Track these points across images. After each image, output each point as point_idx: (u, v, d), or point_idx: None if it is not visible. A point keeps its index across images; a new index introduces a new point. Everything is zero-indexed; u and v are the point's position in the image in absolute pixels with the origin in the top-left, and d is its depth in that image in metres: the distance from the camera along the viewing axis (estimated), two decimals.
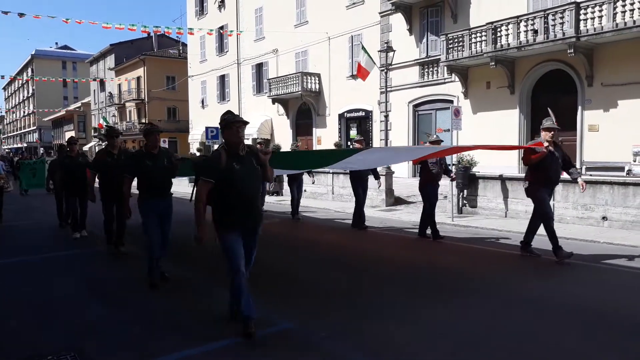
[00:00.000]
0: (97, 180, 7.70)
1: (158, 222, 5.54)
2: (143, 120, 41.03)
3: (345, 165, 9.65)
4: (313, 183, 13.45)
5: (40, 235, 9.59)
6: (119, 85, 46.20)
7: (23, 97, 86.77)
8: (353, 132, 22.76)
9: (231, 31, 28.60)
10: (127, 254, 7.25)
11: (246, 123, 4.14)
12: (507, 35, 14.90)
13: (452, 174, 9.33)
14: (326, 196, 15.24)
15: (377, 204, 13.15)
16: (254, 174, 4.13)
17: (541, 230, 6.79)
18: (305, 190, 12.71)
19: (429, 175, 8.46)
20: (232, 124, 4.00)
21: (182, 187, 16.19)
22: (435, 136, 8.84)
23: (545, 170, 6.64)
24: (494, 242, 8.32)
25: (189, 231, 5.10)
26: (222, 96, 31.86)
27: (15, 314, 4.80)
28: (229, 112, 4.15)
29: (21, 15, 18.38)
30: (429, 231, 8.59)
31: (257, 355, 3.73)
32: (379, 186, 11.09)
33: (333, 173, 14.83)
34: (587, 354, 3.70)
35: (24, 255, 7.68)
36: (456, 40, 16.33)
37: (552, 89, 15.19)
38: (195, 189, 4.15)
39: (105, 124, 41.20)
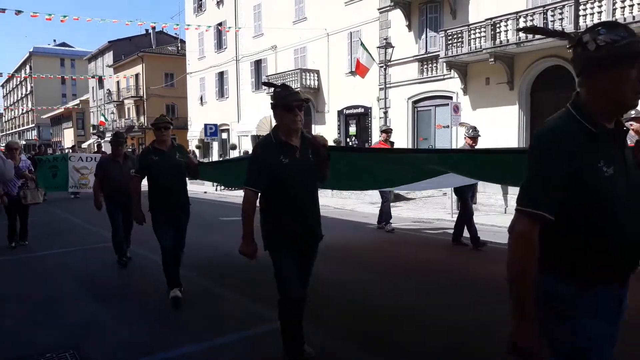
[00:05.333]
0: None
1: None
2: (143, 119, 40.92)
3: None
4: None
5: (37, 232, 9.54)
6: (118, 82, 46.08)
7: (21, 94, 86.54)
8: (352, 129, 22.73)
9: (229, 27, 28.53)
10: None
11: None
12: (507, 31, 14.85)
13: None
14: (325, 192, 15.22)
15: (376, 200, 13.13)
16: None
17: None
18: None
19: None
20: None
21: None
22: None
23: None
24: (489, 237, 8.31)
25: (190, 231, 5.09)
26: (221, 93, 31.80)
27: (12, 311, 4.78)
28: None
29: (18, 12, 18.27)
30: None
31: (257, 351, 3.73)
32: None
33: None
34: None
35: (21, 252, 7.65)
36: (455, 36, 16.29)
37: (552, 85, 15.15)
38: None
39: (105, 121, 41.09)
